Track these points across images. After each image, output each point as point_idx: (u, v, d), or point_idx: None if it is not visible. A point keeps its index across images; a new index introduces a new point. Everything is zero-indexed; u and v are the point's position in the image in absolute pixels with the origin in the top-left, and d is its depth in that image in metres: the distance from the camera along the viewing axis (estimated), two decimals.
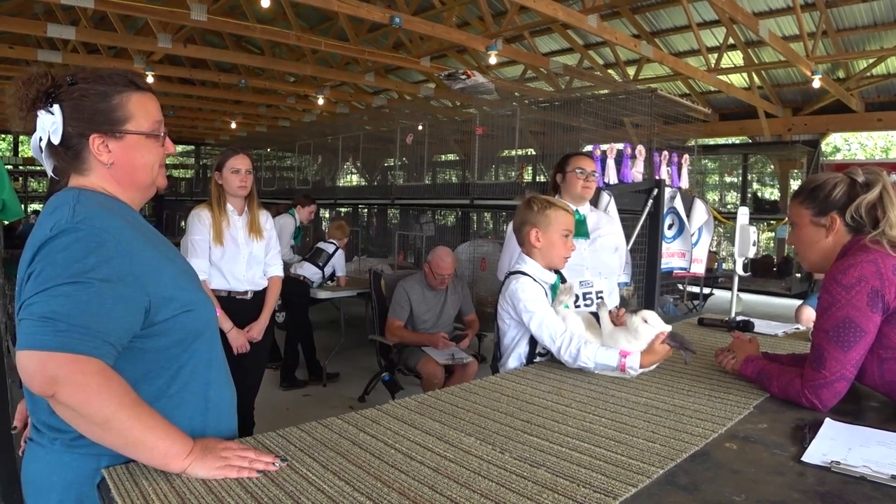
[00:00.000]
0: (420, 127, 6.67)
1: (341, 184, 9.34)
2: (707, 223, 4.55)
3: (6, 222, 3.09)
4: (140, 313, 1.03)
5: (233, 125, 13.36)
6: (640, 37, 7.64)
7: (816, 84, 7.15)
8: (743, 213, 3.69)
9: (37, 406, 1.05)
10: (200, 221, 2.73)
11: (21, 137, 12.63)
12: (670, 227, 4.24)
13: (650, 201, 4.04)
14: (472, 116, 6.22)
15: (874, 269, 1.35)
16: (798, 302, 4.51)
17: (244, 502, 0.93)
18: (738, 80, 8.77)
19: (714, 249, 8.48)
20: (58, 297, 0.93)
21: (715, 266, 7.96)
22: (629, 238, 3.78)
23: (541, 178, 7.07)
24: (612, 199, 3.63)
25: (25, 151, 13.87)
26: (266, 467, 1.04)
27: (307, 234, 6.82)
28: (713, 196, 11.00)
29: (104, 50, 8.06)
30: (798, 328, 2.51)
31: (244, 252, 2.82)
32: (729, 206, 10.22)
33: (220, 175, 2.77)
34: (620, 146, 4.10)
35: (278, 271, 2.98)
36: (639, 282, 4.07)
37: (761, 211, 9.21)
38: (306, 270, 4.85)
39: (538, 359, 1.94)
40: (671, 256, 4.28)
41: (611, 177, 3.99)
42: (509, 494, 0.97)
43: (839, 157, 14.57)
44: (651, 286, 4.05)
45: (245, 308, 2.83)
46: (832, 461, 1.09)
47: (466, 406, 1.43)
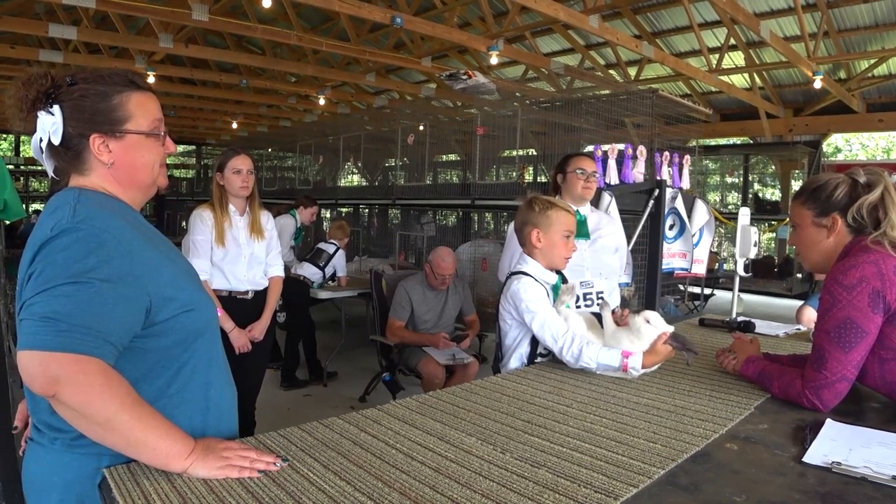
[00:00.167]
0: (421, 127, 6.66)
1: (342, 184, 9.36)
2: (708, 224, 4.54)
3: (8, 222, 3.09)
4: (141, 313, 1.03)
5: (234, 125, 13.39)
6: (642, 37, 7.64)
7: (818, 84, 7.15)
8: (744, 214, 3.70)
9: (37, 406, 1.05)
10: (203, 222, 2.74)
11: (23, 137, 12.65)
12: (671, 228, 4.23)
13: (651, 202, 4.04)
14: (474, 117, 6.23)
15: (875, 270, 1.35)
16: (799, 303, 4.51)
17: (245, 502, 0.93)
18: (740, 81, 8.77)
19: (715, 250, 8.48)
20: (59, 298, 0.93)
21: (716, 267, 7.96)
22: (630, 238, 3.78)
23: (542, 179, 7.07)
24: (614, 200, 3.63)
25: (27, 151, 13.90)
26: (267, 467, 1.04)
27: (308, 235, 6.82)
28: (714, 196, 11.01)
29: (106, 50, 8.08)
30: (799, 329, 2.50)
31: (245, 252, 2.83)
32: (730, 207, 10.23)
33: (222, 176, 2.77)
34: (621, 147, 4.10)
35: (279, 271, 2.99)
36: (640, 282, 4.06)
37: (762, 211, 9.22)
38: (307, 270, 4.85)
39: (539, 359, 1.94)
40: (672, 257, 4.27)
41: (612, 177, 3.99)
42: (510, 495, 0.97)
43: (840, 158, 14.58)
44: (652, 287, 4.05)
45: (246, 308, 2.84)
46: (833, 462, 1.09)
47: (467, 406, 1.43)
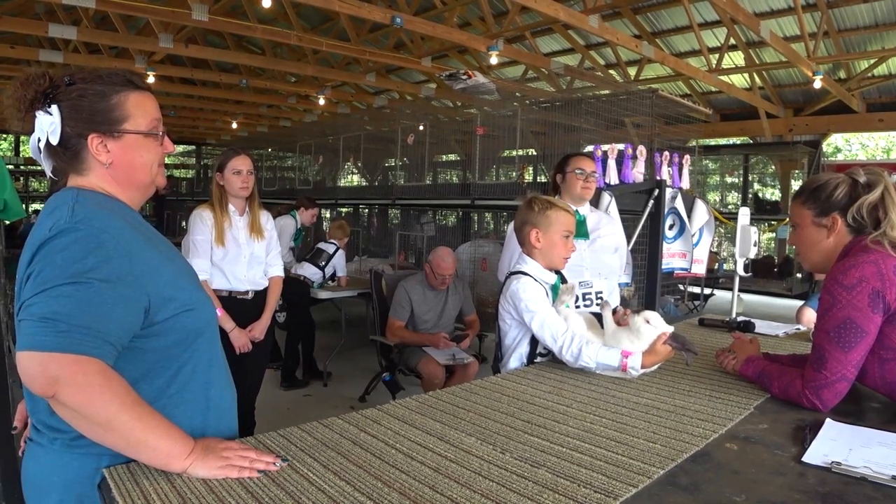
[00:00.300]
0: (421, 127, 6.66)
1: (342, 184, 9.35)
2: (708, 224, 4.54)
3: (7, 222, 3.09)
4: (140, 313, 1.03)
5: (234, 125, 13.39)
6: (641, 37, 7.64)
7: (817, 84, 7.15)
8: (744, 214, 3.70)
9: (36, 406, 1.05)
10: (203, 222, 2.74)
11: (22, 137, 12.65)
12: (671, 228, 4.23)
13: (651, 202, 4.04)
14: (473, 117, 6.22)
15: (875, 270, 1.35)
16: (799, 303, 4.52)
17: (245, 502, 0.93)
18: (739, 81, 8.77)
19: (715, 250, 8.48)
20: (58, 298, 0.93)
21: (716, 266, 7.96)
22: (630, 238, 3.78)
23: (542, 179, 7.06)
24: (613, 200, 3.63)
25: (27, 151, 13.88)
26: (267, 467, 1.04)
27: (308, 235, 6.82)
28: (714, 196, 11.00)
29: (105, 50, 8.08)
30: (799, 329, 2.50)
31: (245, 252, 2.83)
32: (730, 207, 10.23)
33: (222, 176, 2.77)
34: (621, 146, 4.10)
35: (279, 271, 3.00)
36: (639, 282, 4.06)
37: (762, 211, 9.22)
38: (307, 270, 4.85)
39: (539, 359, 1.94)
40: (672, 257, 4.27)
41: (612, 177, 3.99)
42: (510, 495, 0.97)
43: (840, 158, 14.59)
44: (652, 286, 4.05)
45: (246, 308, 2.84)
46: (833, 462, 1.09)
47: (467, 406, 1.43)
